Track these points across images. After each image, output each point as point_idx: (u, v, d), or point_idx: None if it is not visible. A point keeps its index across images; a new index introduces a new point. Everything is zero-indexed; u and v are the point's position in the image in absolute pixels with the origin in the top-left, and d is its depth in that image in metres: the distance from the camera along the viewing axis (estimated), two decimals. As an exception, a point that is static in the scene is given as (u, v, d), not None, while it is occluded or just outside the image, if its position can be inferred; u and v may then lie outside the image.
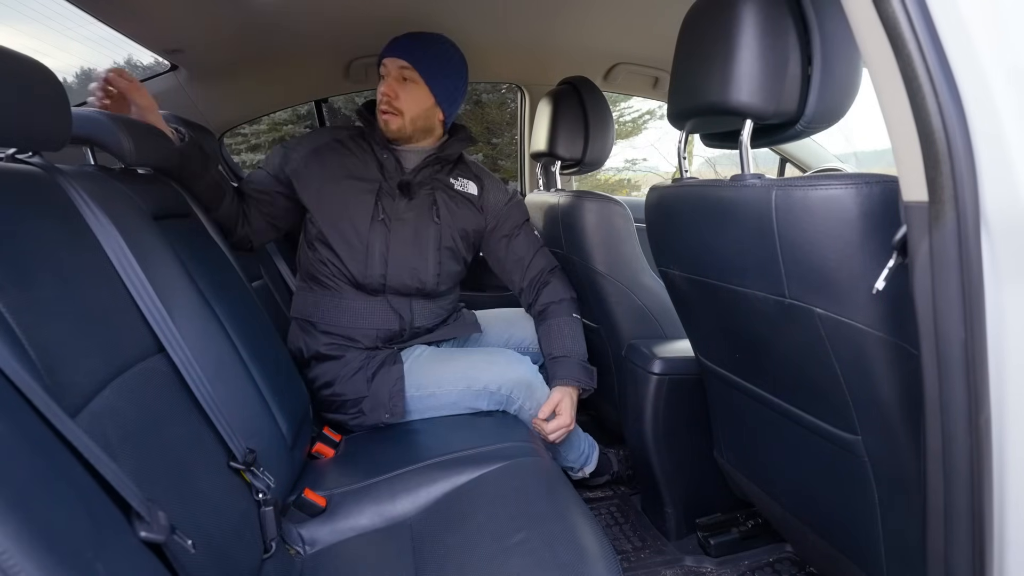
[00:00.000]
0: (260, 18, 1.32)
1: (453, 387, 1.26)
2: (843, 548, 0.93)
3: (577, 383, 1.30)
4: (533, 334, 1.46)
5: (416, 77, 1.25)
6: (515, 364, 1.29)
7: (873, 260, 0.65)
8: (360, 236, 1.25)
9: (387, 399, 1.22)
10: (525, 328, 1.50)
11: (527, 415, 1.28)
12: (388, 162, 1.29)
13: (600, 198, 1.38)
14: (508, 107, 5.72)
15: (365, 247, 1.25)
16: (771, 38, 0.76)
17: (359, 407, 1.23)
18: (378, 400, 1.22)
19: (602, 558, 0.75)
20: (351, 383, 1.23)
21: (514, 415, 1.29)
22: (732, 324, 0.97)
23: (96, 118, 0.94)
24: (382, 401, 1.22)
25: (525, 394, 1.27)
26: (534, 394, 1.29)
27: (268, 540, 0.82)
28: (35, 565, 0.39)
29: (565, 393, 1.28)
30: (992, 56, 0.50)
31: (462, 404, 1.27)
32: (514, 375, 1.27)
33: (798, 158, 2.03)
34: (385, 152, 1.29)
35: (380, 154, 1.30)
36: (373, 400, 1.23)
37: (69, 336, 0.59)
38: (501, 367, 1.28)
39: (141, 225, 0.87)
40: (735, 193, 0.81)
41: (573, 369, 1.31)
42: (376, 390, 1.23)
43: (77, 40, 5.72)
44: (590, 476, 1.52)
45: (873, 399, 0.75)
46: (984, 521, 0.57)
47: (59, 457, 0.48)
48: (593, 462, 1.50)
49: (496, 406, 1.28)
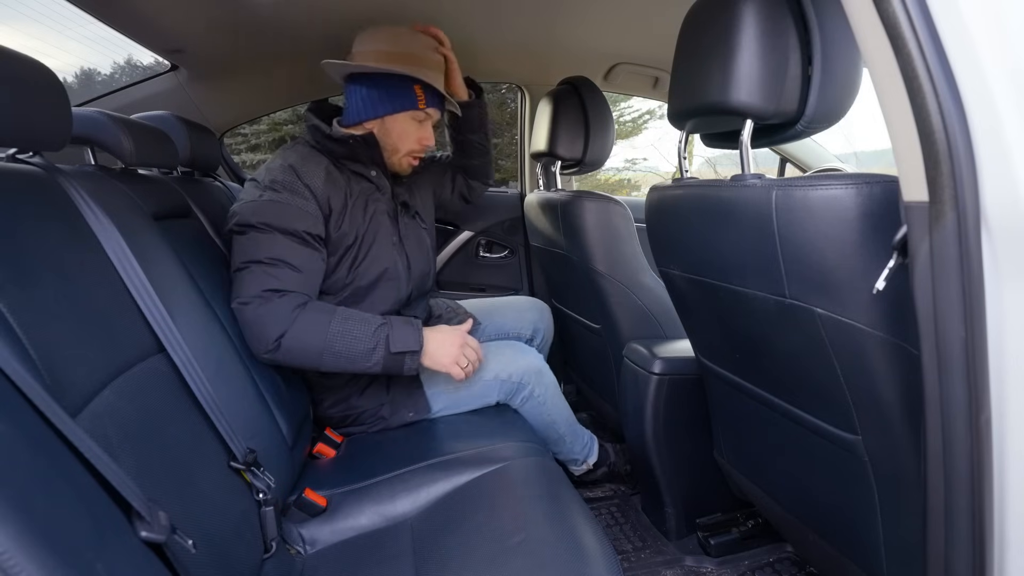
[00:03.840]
0: (260, 18, 1.31)
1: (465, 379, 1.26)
2: (843, 548, 0.93)
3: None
4: (517, 320, 1.52)
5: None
6: (522, 353, 1.33)
7: (873, 260, 0.65)
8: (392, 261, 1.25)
9: (407, 398, 1.25)
10: (505, 315, 1.56)
11: (537, 402, 1.32)
12: (379, 180, 1.26)
13: (600, 198, 1.38)
14: (508, 107, 5.71)
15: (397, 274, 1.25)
16: (771, 38, 0.76)
17: (379, 414, 1.24)
18: (399, 402, 1.24)
19: (602, 558, 0.75)
20: (368, 393, 1.24)
21: (515, 411, 1.30)
22: (732, 324, 0.97)
23: (96, 118, 0.94)
24: (403, 401, 1.24)
25: (535, 380, 1.31)
26: (543, 379, 1.32)
27: (268, 540, 0.82)
28: (36, 565, 0.39)
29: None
30: (992, 56, 0.50)
31: (475, 395, 1.28)
32: (523, 363, 1.31)
33: (798, 158, 2.03)
34: (373, 169, 1.25)
35: (367, 171, 1.24)
36: (393, 404, 1.24)
37: (70, 336, 0.59)
38: (509, 357, 1.31)
39: (141, 225, 0.87)
40: (735, 193, 0.81)
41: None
42: (395, 393, 1.25)
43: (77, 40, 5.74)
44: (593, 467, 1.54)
45: (873, 399, 0.75)
46: (984, 521, 0.57)
47: (60, 457, 0.48)
48: (595, 453, 1.53)
49: (508, 395, 1.30)
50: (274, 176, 1.12)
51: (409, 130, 1.23)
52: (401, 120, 1.22)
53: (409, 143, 1.24)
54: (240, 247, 1.08)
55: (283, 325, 1.03)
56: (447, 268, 2.10)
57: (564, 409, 1.40)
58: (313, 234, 1.11)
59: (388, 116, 1.21)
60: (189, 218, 1.15)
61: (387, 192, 1.27)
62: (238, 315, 1.04)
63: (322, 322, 1.06)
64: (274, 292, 1.05)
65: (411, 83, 1.20)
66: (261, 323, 1.03)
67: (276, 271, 1.06)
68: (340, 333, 1.06)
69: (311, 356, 1.06)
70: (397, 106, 1.20)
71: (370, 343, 1.07)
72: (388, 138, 1.23)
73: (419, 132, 1.24)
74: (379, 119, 1.22)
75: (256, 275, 1.05)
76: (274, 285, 1.05)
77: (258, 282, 1.04)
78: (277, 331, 1.03)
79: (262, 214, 1.08)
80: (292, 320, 1.04)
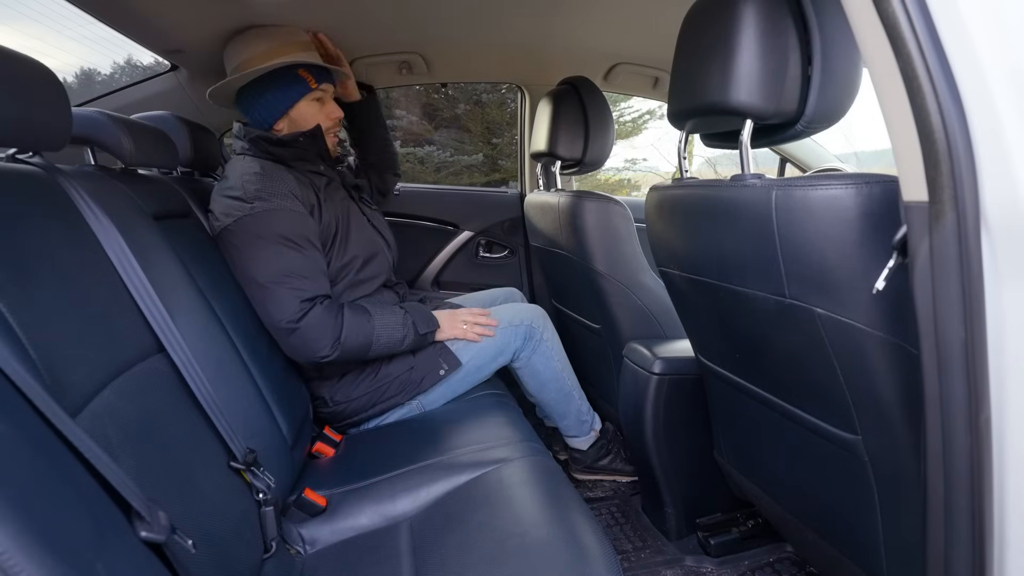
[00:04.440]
0: (260, 18, 1.32)
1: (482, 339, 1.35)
2: (843, 548, 0.93)
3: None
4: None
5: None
6: (524, 305, 1.44)
7: (873, 260, 0.65)
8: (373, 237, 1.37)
9: (436, 354, 1.31)
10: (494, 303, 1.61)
11: (547, 347, 1.40)
12: (329, 172, 1.35)
13: (600, 198, 1.38)
14: (508, 107, 5.71)
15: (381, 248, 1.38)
16: (771, 38, 0.76)
17: (409, 377, 1.29)
18: (427, 361, 1.30)
19: (602, 558, 0.75)
20: (395, 361, 1.30)
21: (515, 410, 1.31)
22: (732, 324, 0.97)
23: (96, 118, 0.94)
24: (432, 358, 1.31)
25: (543, 324, 1.40)
26: (548, 324, 1.42)
27: (268, 540, 0.82)
28: (36, 565, 0.39)
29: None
30: (992, 56, 0.50)
31: (494, 345, 1.35)
32: (529, 310, 1.41)
33: (798, 158, 2.03)
34: (320, 164, 1.33)
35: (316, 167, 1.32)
36: (422, 365, 1.30)
37: (70, 336, 0.59)
38: (515, 308, 1.42)
39: (141, 225, 0.87)
40: (735, 193, 0.81)
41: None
42: (422, 355, 1.31)
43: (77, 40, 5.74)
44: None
45: (873, 399, 0.75)
46: (984, 521, 0.57)
47: (60, 457, 0.48)
48: (598, 420, 1.58)
49: (525, 339, 1.37)
50: (256, 185, 1.16)
51: (314, 112, 1.29)
52: (303, 107, 1.28)
53: (322, 123, 1.30)
54: (250, 263, 1.13)
55: (334, 331, 1.15)
56: (447, 268, 2.10)
57: (568, 362, 1.47)
58: (311, 234, 1.18)
59: (291, 109, 1.27)
60: (189, 218, 1.15)
61: (338, 181, 1.36)
62: (288, 336, 1.13)
63: (366, 322, 1.19)
64: (307, 302, 1.14)
65: (294, 70, 1.25)
66: (313, 336, 1.14)
67: (298, 283, 1.14)
68: (382, 327, 1.21)
69: (362, 351, 1.20)
70: (293, 95, 1.26)
71: (403, 330, 1.23)
72: (302, 126, 1.29)
73: (324, 110, 1.31)
74: (285, 116, 1.28)
75: (285, 293, 1.13)
76: (303, 296, 1.14)
77: (290, 299, 1.12)
78: (331, 338, 1.15)
79: (265, 226, 1.13)
80: (340, 325, 1.16)
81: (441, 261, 2.09)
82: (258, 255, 1.12)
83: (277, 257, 1.13)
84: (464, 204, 2.15)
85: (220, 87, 1.24)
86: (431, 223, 2.10)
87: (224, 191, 1.18)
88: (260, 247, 1.12)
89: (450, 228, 2.10)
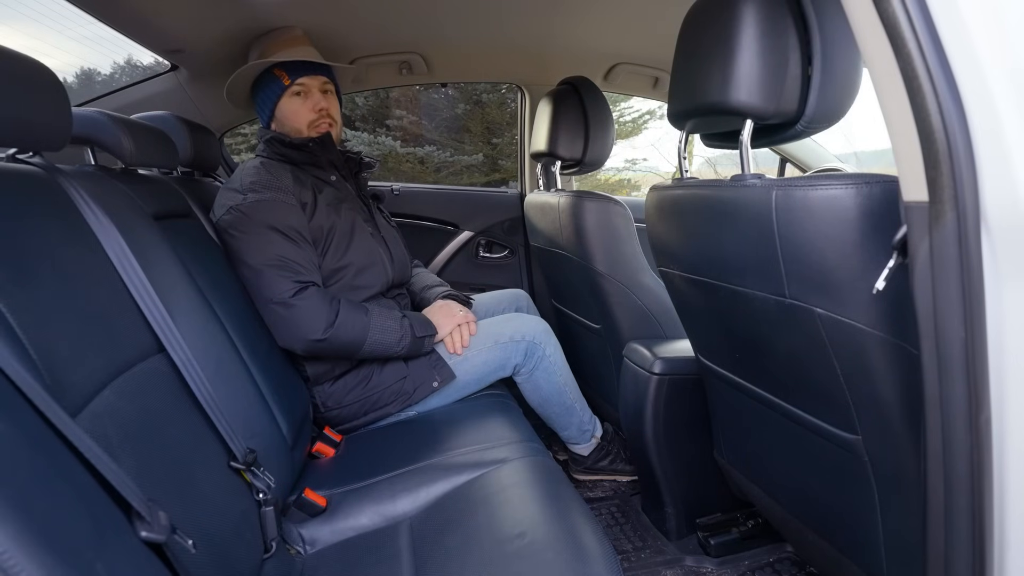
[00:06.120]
0: (260, 18, 1.32)
1: (483, 344, 1.33)
2: (843, 548, 0.93)
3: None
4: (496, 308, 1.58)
5: (333, 90, 1.38)
6: (528, 319, 1.41)
7: (873, 260, 0.65)
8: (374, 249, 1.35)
9: (430, 365, 1.28)
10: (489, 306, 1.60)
11: (550, 362, 1.37)
12: (340, 183, 1.36)
13: (600, 198, 1.38)
14: (508, 107, 5.72)
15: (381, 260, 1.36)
16: (771, 38, 0.76)
17: (401, 388, 1.27)
18: (421, 372, 1.28)
19: (602, 558, 0.75)
20: (388, 369, 1.27)
21: (515, 410, 1.31)
22: (732, 324, 0.97)
23: (96, 118, 0.94)
24: (426, 371, 1.28)
25: (546, 339, 1.37)
26: (551, 339, 1.39)
27: (268, 540, 0.82)
28: (36, 565, 0.39)
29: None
30: (992, 56, 0.50)
31: (494, 360, 1.33)
32: (532, 324, 1.38)
33: (798, 158, 2.03)
34: (333, 173, 1.35)
35: (327, 176, 1.34)
36: (415, 376, 1.27)
37: (70, 336, 0.59)
38: (519, 321, 1.39)
39: (141, 225, 0.87)
40: (735, 193, 0.81)
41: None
42: (415, 365, 1.28)
43: (77, 40, 5.75)
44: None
45: (873, 399, 0.75)
46: (984, 521, 0.57)
47: (60, 457, 0.48)
48: (600, 427, 1.57)
49: (526, 354, 1.35)
50: (252, 178, 1.20)
51: (296, 107, 1.32)
52: (284, 104, 1.32)
53: (306, 117, 1.32)
54: (244, 249, 1.16)
55: (328, 316, 1.14)
56: (447, 268, 2.11)
57: (570, 375, 1.45)
58: (301, 228, 1.20)
59: (275, 108, 1.33)
60: (189, 218, 1.15)
61: (350, 193, 1.36)
62: (280, 312, 1.13)
63: (362, 316, 1.19)
64: (301, 283, 1.15)
65: (270, 71, 1.30)
66: (309, 315, 1.13)
67: (292, 266, 1.15)
68: (378, 325, 1.20)
69: (354, 346, 1.18)
70: (272, 96, 1.32)
71: (400, 332, 1.22)
72: (288, 123, 1.33)
73: (307, 103, 1.33)
74: (274, 116, 1.34)
75: (278, 274, 1.14)
76: (297, 278, 1.15)
77: (284, 279, 1.13)
78: (325, 321, 1.14)
79: (255, 215, 1.16)
80: (335, 311, 1.15)
81: (441, 261, 2.09)
82: (251, 241, 1.15)
83: (269, 244, 1.15)
84: (464, 204, 2.15)
85: (230, 96, 1.35)
86: (431, 223, 2.10)
87: (225, 187, 1.24)
88: (253, 234, 1.15)
89: (450, 228, 2.10)
